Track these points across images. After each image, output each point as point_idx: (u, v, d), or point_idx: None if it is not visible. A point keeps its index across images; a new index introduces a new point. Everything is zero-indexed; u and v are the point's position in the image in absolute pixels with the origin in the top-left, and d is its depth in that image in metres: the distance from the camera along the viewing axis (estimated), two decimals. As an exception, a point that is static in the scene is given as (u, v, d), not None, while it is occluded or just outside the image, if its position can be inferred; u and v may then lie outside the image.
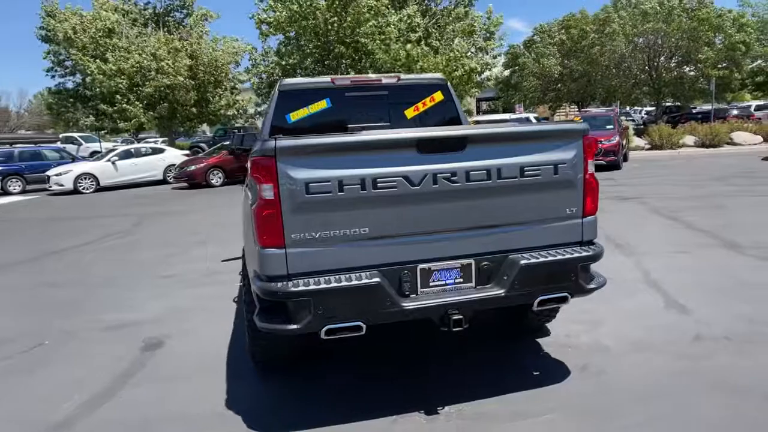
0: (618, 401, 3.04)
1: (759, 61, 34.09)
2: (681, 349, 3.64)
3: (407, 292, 2.83)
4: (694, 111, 33.38)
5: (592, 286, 3.04)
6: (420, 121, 4.77)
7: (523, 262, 2.87)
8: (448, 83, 4.86)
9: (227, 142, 20.95)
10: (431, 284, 2.88)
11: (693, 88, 28.79)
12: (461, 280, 2.92)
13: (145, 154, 20.03)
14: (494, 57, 17.34)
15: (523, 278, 2.87)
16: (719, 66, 28.40)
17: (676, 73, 30.02)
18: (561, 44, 34.61)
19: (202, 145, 28.62)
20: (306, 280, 2.71)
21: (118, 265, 7.12)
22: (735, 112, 31.28)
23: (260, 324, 2.81)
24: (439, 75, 5.00)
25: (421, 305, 2.81)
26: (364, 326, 2.74)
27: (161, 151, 20.52)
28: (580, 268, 2.99)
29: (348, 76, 4.95)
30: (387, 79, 4.72)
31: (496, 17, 16.92)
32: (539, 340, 3.90)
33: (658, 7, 28.97)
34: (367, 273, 2.76)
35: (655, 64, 29.37)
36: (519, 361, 3.62)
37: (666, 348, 3.66)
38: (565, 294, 2.97)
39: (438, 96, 4.78)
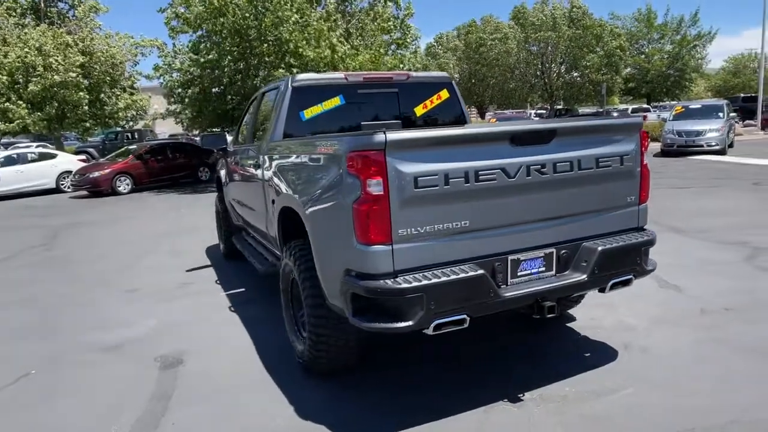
0: (675, 370, 3.32)
1: (629, 68, 38.19)
2: (695, 321, 4.04)
3: (500, 283, 2.88)
4: (580, 113, 36.61)
5: (650, 267, 3.29)
6: (428, 118, 4.83)
7: (600, 248, 3.04)
8: (453, 82, 4.96)
9: (133, 146, 19.53)
10: (519, 274, 2.95)
11: (581, 92, 31.72)
12: (544, 268, 3.03)
13: (33, 160, 17.99)
14: (413, 52, 17.67)
15: (602, 263, 3.03)
16: (601, 72, 31.54)
17: (565, 78, 32.77)
18: (456, 50, 36.30)
19: (90, 150, 26.22)
20: (414, 275, 2.66)
21: (65, 282, 6.38)
22: (615, 114, 34.69)
23: (367, 324, 2.70)
24: (444, 73, 5.09)
25: (518, 294, 2.87)
26: (468, 319, 2.75)
27: (52, 156, 18.53)
28: (644, 252, 3.22)
29: (359, 72, 4.86)
30: (397, 77, 4.72)
31: (406, 5, 17.16)
32: (569, 326, 4.12)
33: (544, 18, 31.55)
34: (469, 265, 2.77)
35: (548, 69, 32.01)
36: (563, 347, 3.80)
37: (682, 322, 4.05)
38: (631, 276, 3.19)
39: (444, 94, 4.86)
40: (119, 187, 16.43)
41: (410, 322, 2.63)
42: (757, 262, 5.37)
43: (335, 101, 4.48)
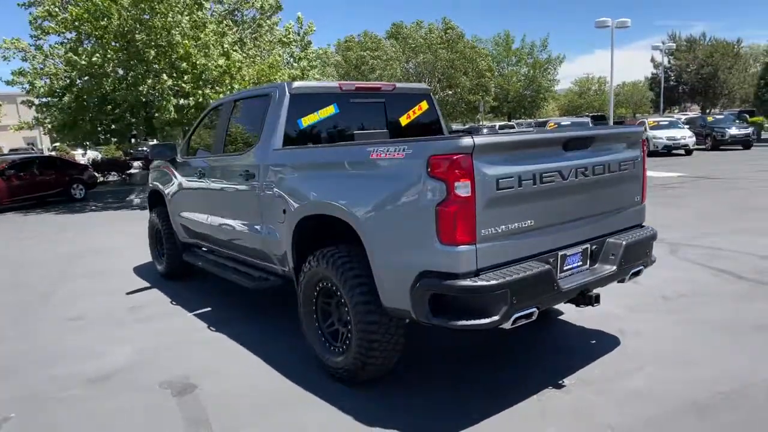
0: (674, 347, 3.79)
1: (494, 88, 41.65)
2: (663, 307, 4.63)
3: (555, 277, 3.11)
4: (454, 129, 39.06)
5: (653, 258, 3.74)
6: (409, 128, 4.97)
7: (625, 242, 3.41)
8: (431, 93, 5.16)
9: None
10: (564, 269, 3.21)
11: (455, 110, 33.94)
12: (581, 263, 3.32)
13: None
14: (312, 66, 17.67)
15: (627, 256, 3.40)
16: (473, 92, 34.10)
17: (441, 95, 34.80)
18: (338, 66, 36.82)
19: None
20: (493, 273, 2.78)
21: (-20, 314, 5.46)
22: (485, 130, 37.55)
23: (453, 323, 2.75)
24: (423, 85, 5.26)
25: (572, 286, 3.11)
26: (537, 312, 2.93)
27: None
28: (651, 245, 3.66)
29: (352, 82, 4.84)
30: (385, 87, 4.80)
31: (308, 24, 17.20)
32: (561, 319, 4.48)
33: (422, 40, 33.42)
34: (535, 262, 2.96)
35: None
36: (569, 339, 4.09)
37: (654, 308, 4.61)
38: (642, 267, 3.60)
39: (424, 105, 5.04)
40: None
41: (496, 317, 2.74)
42: (680, 255, 6.26)
43: (330, 110, 4.45)
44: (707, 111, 37.97)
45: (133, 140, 22.43)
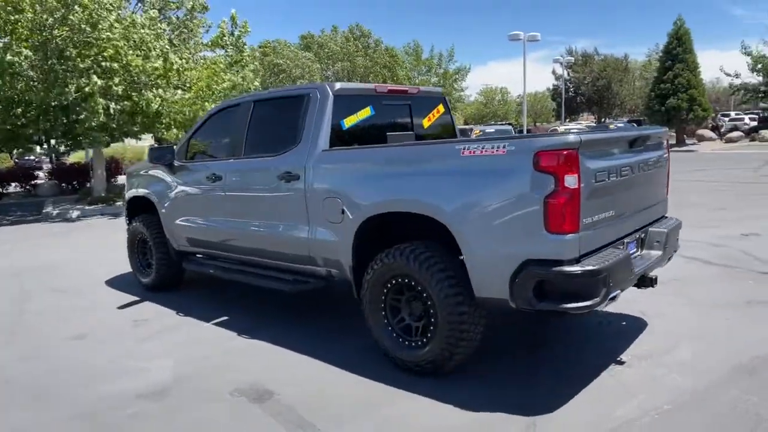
0: (697, 323, 4.26)
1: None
2: (665, 290, 5.06)
3: (624, 263, 3.43)
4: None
5: (679, 245, 4.20)
6: (429, 129, 5.15)
7: (666, 230, 3.82)
8: (446, 96, 5.37)
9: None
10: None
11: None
12: (636, 249, 3.68)
13: None
14: (252, 71, 17.16)
15: (667, 242, 3.81)
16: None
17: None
18: (257, 71, 36.10)
19: None
20: (590, 259, 3.03)
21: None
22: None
23: (566, 306, 2.95)
24: (439, 89, 5.45)
25: (640, 270, 3.45)
26: (620, 293, 3.22)
27: None
28: (679, 233, 4.11)
29: (384, 84, 4.89)
30: (411, 90, 4.95)
31: (242, 23, 16.66)
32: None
33: (338, 49, 33.73)
34: (612, 249, 3.26)
35: None
36: (599, 323, 4.40)
37: (658, 291, 5.08)
38: (674, 252, 4.04)
39: (441, 108, 5.25)
40: None
41: (597, 299, 3.00)
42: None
43: (366, 111, 4.52)
44: (602, 120, 41.71)
45: (40, 148, 20.54)
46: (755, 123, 35.70)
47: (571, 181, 2.89)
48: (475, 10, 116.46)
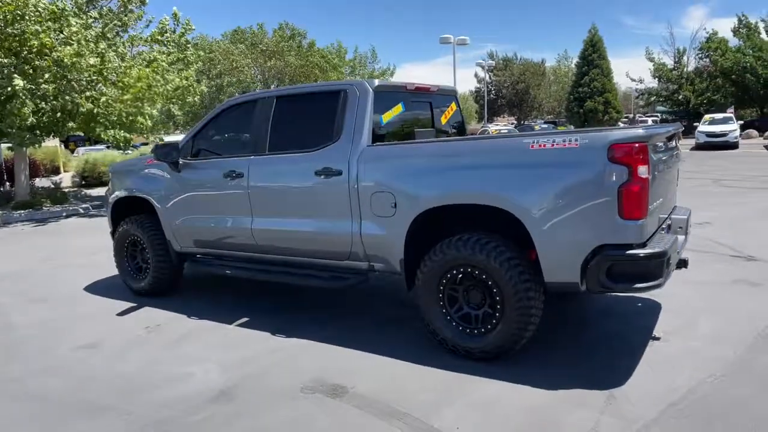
0: (713, 298, 4.72)
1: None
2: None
3: (664, 246, 3.77)
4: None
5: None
6: (448, 126, 5.32)
7: (686, 217, 4.22)
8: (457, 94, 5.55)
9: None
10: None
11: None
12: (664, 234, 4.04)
13: None
14: (196, 72, 16.42)
15: (687, 228, 4.21)
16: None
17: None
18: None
19: None
20: (655, 242, 3.33)
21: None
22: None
23: (638, 286, 3.23)
24: (453, 87, 5.60)
25: (680, 252, 3.80)
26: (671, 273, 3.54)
27: None
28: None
29: (413, 82, 4.92)
30: (432, 88, 5.07)
31: (185, 21, 15.88)
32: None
33: (274, 48, 33.12)
34: (660, 233, 3.58)
35: None
36: (618, 306, 4.73)
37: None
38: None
39: (454, 106, 5.43)
40: None
41: (661, 279, 3.29)
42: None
43: (399, 108, 4.61)
44: (521, 121, 43.97)
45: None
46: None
47: (643, 171, 3.16)
48: (387, 12, 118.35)
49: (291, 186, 4.57)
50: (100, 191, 19.16)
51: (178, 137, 21.14)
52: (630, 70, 59.89)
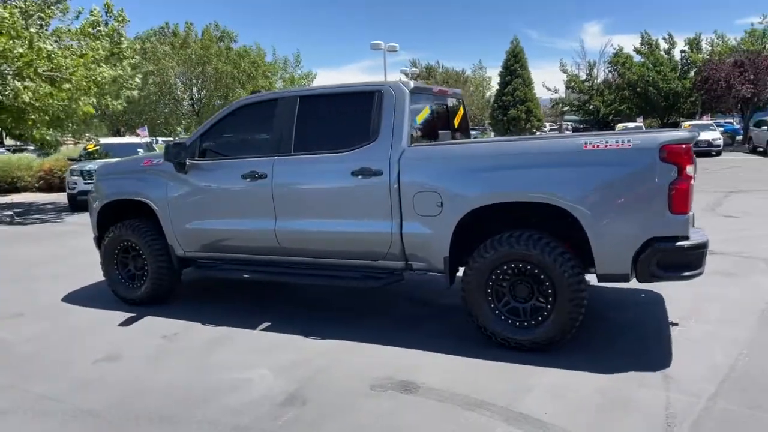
0: (697, 289, 5.21)
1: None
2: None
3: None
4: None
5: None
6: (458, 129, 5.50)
7: (692, 212, 4.65)
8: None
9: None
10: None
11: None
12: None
13: None
14: (133, 67, 15.42)
15: (694, 222, 4.65)
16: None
17: (218, 104, 33.66)
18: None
19: None
20: (694, 235, 3.67)
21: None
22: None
23: (685, 274, 3.54)
24: (459, 90, 5.76)
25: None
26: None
27: None
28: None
29: (436, 86, 5.02)
30: (449, 92, 5.23)
31: (119, 12, 14.86)
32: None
33: (202, 52, 32.03)
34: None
35: (203, 97, 32.67)
36: (624, 297, 5.11)
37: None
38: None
39: (462, 109, 5.62)
40: None
41: (703, 268, 3.64)
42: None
43: (427, 110, 4.73)
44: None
45: None
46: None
47: (690, 169, 3.49)
48: (302, 14, 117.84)
49: (323, 186, 4.54)
50: (24, 197, 17.57)
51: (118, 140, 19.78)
52: (546, 80, 64.04)
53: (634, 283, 5.04)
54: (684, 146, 3.48)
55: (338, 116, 4.65)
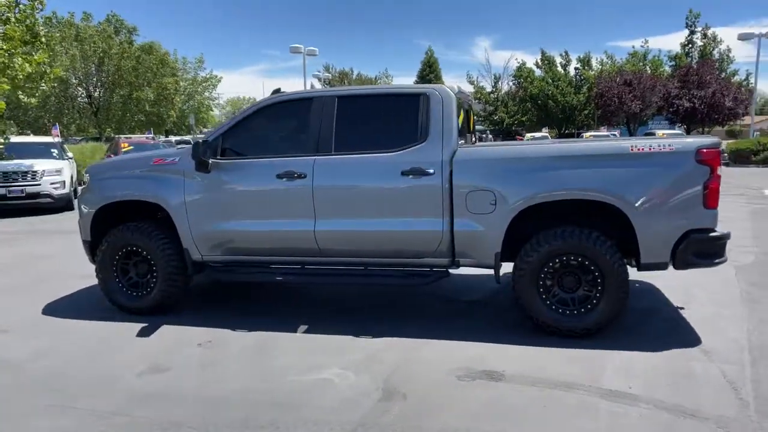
0: (689, 278, 5.88)
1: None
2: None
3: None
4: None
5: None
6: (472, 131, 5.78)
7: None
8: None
9: None
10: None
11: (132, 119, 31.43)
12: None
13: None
14: (48, 57, 13.90)
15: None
16: (156, 104, 32.16)
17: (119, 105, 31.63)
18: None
19: None
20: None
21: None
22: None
23: (716, 261, 4.06)
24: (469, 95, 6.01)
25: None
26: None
27: None
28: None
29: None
30: (469, 95, 5.48)
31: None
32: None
33: (102, 45, 29.90)
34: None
35: (102, 96, 30.57)
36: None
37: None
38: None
39: (471, 112, 5.91)
40: None
41: (726, 257, 4.19)
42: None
43: (462, 113, 4.95)
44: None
45: None
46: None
47: (719, 171, 4.03)
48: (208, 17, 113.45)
49: (371, 186, 4.58)
50: None
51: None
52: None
53: (631, 275, 5.63)
54: (714, 150, 4.01)
55: (381, 117, 4.72)
